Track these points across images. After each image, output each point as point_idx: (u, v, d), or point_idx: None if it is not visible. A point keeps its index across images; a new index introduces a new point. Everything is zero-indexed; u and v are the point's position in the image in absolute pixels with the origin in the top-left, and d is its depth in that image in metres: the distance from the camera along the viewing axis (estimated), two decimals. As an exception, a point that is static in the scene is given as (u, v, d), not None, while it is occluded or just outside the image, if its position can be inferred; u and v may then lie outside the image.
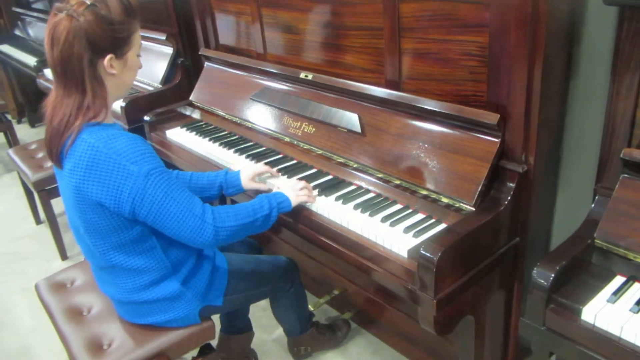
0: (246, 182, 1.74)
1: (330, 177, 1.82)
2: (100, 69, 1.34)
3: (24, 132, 5.19)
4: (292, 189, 1.64)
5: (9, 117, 4.53)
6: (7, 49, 4.84)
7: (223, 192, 1.75)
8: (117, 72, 1.37)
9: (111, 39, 1.32)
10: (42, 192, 2.91)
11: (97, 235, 1.41)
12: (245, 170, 1.76)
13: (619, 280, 1.27)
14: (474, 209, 1.45)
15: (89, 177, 1.32)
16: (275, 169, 1.86)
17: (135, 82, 3.00)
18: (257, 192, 1.75)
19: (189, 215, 1.39)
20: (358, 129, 1.78)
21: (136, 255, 1.45)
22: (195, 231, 1.40)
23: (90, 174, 1.31)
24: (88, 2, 1.29)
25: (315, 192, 1.72)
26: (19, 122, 5.49)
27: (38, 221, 3.49)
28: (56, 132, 1.34)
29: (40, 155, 3.16)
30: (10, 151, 3.24)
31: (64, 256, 3.06)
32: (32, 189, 2.98)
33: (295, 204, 1.62)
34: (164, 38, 2.83)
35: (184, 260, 1.54)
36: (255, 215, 1.51)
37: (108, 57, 1.33)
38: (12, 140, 4.36)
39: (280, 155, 2.02)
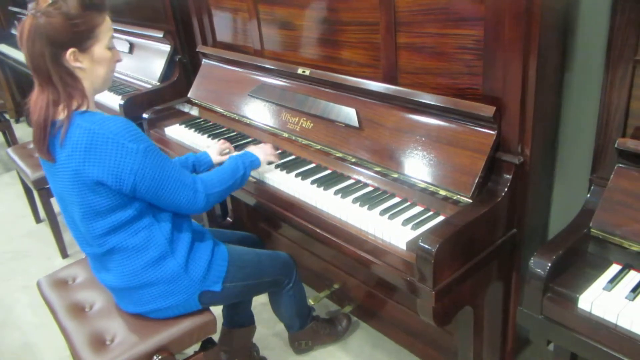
0: (215, 157, 1.98)
1: (328, 171, 1.84)
2: (65, 63, 1.38)
3: (22, 131, 5.19)
4: (262, 149, 1.87)
5: (7, 116, 4.54)
6: (4, 48, 4.83)
7: (195, 170, 1.93)
8: (85, 66, 1.41)
9: (70, 33, 1.35)
10: (41, 191, 2.92)
11: (96, 217, 1.44)
12: (212, 148, 2.01)
13: (614, 268, 1.29)
14: (471, 200, 1.46)
15: (89, 158, 1.36)
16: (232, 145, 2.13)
17: (133, 80, 3.02)
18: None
19: (182, 186, 1.51)
20: (356, 123, 1.79)
21: (134, 233, 1.50)
22: (189, 200, 1.53)
23: (89, 155, 1.36)
24: (49, 1, 1.34)
25: (314, 185, 1.74)
26: (17, 121, 5.50)
27: (38, 219, 3.51)
28: (38, 126, 1.39)
29: (39, 154, 3.16)
30: (10, 150, 3.25)
31: (64, 254, 3.08)
32: (31, 187, 2.99)
33: (265, 162, 1.86)
34: (161, 35, 2.83)
35: (178, 236, 1.58)
36: (235, 177, 1.69)
37: (70, 51, 1.37)
38: (11, 140, 4.37)
39: (279, 151, 2.03)
